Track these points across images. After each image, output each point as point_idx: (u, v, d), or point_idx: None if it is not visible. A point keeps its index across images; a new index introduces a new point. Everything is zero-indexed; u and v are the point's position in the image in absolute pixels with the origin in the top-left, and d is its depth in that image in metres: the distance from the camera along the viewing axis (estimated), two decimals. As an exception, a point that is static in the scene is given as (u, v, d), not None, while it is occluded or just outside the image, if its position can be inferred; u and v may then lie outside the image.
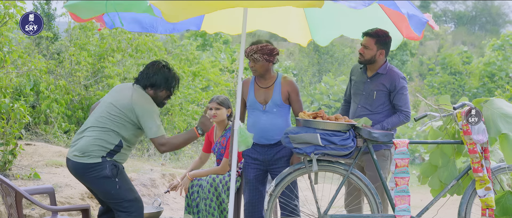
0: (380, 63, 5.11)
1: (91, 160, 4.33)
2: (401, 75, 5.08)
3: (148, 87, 4.57)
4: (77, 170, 4.38)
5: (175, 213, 7.37)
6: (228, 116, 5.57)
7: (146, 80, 4.57)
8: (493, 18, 47.23)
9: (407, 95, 5.06)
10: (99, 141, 4.36)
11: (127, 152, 4.54)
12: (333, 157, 4.57)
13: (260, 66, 4.90)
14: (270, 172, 5.02)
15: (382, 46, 5.05)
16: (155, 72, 4.57)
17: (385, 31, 5.07)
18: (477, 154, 4.54)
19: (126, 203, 4.40)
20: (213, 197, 5.26)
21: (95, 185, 4.39)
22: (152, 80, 4.55)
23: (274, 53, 4.91)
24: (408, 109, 5.03)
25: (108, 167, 4.34)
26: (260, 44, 4.88)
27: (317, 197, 4.66)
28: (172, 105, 12.46)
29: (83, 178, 4.40)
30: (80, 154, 4.35)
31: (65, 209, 4.76)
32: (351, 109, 5.27)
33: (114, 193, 4.38)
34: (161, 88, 4.59)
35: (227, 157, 5.36)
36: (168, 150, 4.44)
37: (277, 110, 4.93)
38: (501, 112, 4.58)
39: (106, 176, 4.33)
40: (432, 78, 24.15)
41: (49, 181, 6.72)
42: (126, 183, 4.47)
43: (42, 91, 9.92)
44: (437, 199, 4.77)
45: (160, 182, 7.95)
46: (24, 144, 8.26)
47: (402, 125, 5.09)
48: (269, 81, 4.99)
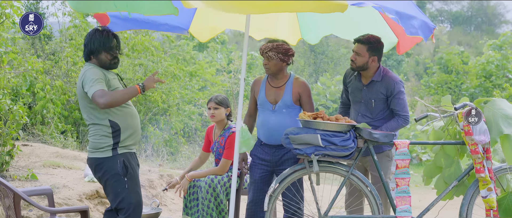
0: (373, 69, 5.04)
1: (103, 154, 4.39)
2: (397, 79, 5.01)
3: (90, 57, 4.50)
4: (91, 165, 4.47)
5: (173, 214, 7.34)
6: (227, 115, 5.54)
7: (84, 51, 4.52)
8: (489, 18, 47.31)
9: (404, 99, 5.02)
10: (98, 132, 4.41)
11: (128, 120, 4.47)
12: (333, 158, 4.55)
13: (274, 65, 4.88)
14: (276, 173, 4.98)
15: (375, 53, 4.98)
16: (89, 40, 4.49)
17: (377, 37, 5.02)
18: (479, 155, 4.53)
19: (127, 205, 4.39)
20: (212, 198, 5.23)
21: (105, 179, 4.42)
22: (88, 49, 4.48)
23: (289, 53, 4.88)
24: (406, 113, 4.99)
25: (119, 164, 4.38)
26: (276, 43, 4.86)
27: (317, 198, 4.63)
28: (169, 106, 12.43)
29: (96, 172, 4.47)
30: (93, 150, 4.44)
31: (63, 211, 4.73)
32: (351, 116, 5.21)
33: (120, 191, 4.38)
34: (100, 52, 4.47)
35: (226, 158, 5.33)
36: (107, 102, 4.22)
37: (286, 111, 4.90)
38: (502, 113, 4.58)
39: (116, 172, 4.37)
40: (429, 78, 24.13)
41: (46, 182, 6.68)
42: (135, 184, 4.46)
43: (38, 92, 9.88)
44: (438, 199, 4.75)
45: (158, 183, 7.91)
46: (21, 145, 8.21)
47: (401, 128, 5.06)
48: (281, 81, 4.96)
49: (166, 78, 12.39)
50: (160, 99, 11.95)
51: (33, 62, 9.12)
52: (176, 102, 12.69)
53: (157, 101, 11.76)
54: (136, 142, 4.56)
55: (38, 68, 9.26)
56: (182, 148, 12.52)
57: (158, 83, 3.91)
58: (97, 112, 4.39)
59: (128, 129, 4.46)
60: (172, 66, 12.82)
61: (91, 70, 4.38)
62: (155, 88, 11.84)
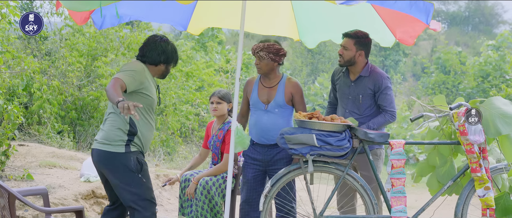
0: (361, 64, 5.08)
1: (115, 149, 4.30)
2: (384, 75, 5.06)
3: (148, 61, 4.50)
4: (100, 158, 4.34)
5: (169, 214, 7.34)
6: (228, 111, 5.55)
7: (152, 55, 4.49)
8: (486, 18, 47.38)
9: (391, 94, 5.04)
10: (115, 123, 4.32)
11: (146, 131, 4.44)
12: (329, 158, 4.54)
13: (265, 65, 4.89)
14: (268, 173, 4.99)
15: (362, 47, 5.03)
16: (165, 49, 4.50)
17: (364, 33, 5.05)
18: (475, 154, 4.53)
19: (142, 202, 4.33)
20: (206, 200, 5.22)
21: (118, 174, 4.32)
22: (161, 56, 4.49)
23: (281, 53, 4.90)
24: (393, 109, 5.01)
25: (132, 161, 4.31)
26: (267, 43, 4.88)
27: (312, 198, 4.63)
28: (166, 106, 12.41)
29: (107, 167, 4.34)
30: (104, 141, 4.32)
31: (59, 211, 4.72)
32: (339, 114, 5.23)
33: (134, 187, 4.31)
34: (167, 63, 4.54)
35: (228, 153, 5.31)
36: (107, 87, 4.14)
37: (279, 111, 4.91)
38: (499, 112, 4.54)
39: (130, 169, 4.30)
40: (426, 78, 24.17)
41: (42, 182, 6.67)
42: (148, 181, 4.42)
43: (35, 92, 9.86)
44: (433, 199, 4.75)
45: (154, 183, 7.90)
46: (17, 145, 8.20)
47: (388, 124, 5.07)
48: (273, 81, 4.97)
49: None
50: (157, 99, 11.94)
51: (29, 61, 9.10)
52: (173, 102, 12.68)
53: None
54: (146, 149, 4.52)
55: (34, 68, 9.24)
56: (179, 148, 12.51)
57: (129, 112, 3.90)
58: None
59: (143, 138, 4.41)
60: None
61: (137, 64, 4.39)
62: None
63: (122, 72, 4.25)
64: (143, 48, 4.51)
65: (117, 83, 4.11)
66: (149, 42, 4.51)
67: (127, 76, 4.22)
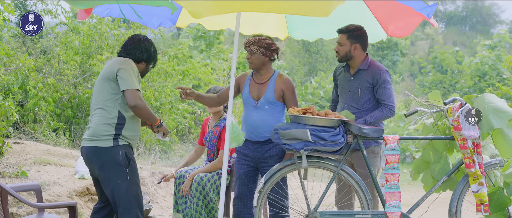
0: (359, 58, 5.08)
1: (103, 144, 4.33)
2: (383, 69, 5.05)
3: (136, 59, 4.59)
4: (89, 154, 4.38)
5: (164, 211, 7.32)
6: (224, 107, 5.54)
7: (136, 53, 4.59)
8: (484, 18, 47.40)
9: (390, 88, 5.02)
10: (102, 119, 4.35)
11: (134, 125, 4.47)
12: (323, 153, 4.53)
13: (256, 59, 4.86)
14: (260, 169, 4.96)
15: (356, 40, 5.03)
16: (149, 47, 4.63)
17: (357, 25, 5.06)
18: (468, 150, 4.52)
19: (127, 196, 4.34)
20: (200, 196, 5.21)
21: (105, 168, 4.33)
22: (146, 54, 4.61)
23: (272, 48, 4.87)
24: (392, 103, 4.99)
25: (121, 154, 4.33)
26: (258, 37, 4.87)
27: (307, 195, 4.61)
28: (162, 104, 12.39)
29: (96, 163, 4.36)
30: (92, 138, 4.36)
31: (52, 206, 4.70)
32: (338, 108, 5.24)
33: (121, 182, 4.33)
34: (148, 62, 4.66)
35: (223, 149, 5.30)
36: (140, 106, 4.27)
37: (269, 107, 4.87)
38: (492, 107, 4.54)
39: (118, 163, 4.32)
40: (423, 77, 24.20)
41: (36, 179, 6.64)
42: (135, 177, 4.42)
43: (30, 90, 9.83)
44: (427, 195, 4.74)
45: (149, 180, 7.89)
46: (12, 143, 8.17)
47: (386, 119, 5.05)
48: (264, 77, 4.94)
49: (159, 77, 12.37)
50: (153, 96, 11.92)
51: (24, 59, 9.08)
52: (169, 100, 12.65)
53: (149, 98, 11.73)
54: (134, 144, 4.54)
55: (30, 66, 9.22)
56: (175, 146, 12.48)
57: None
58: (113, 100, 4.37)
59: (131, 130, 4.44)
60: (164, 64, 12.80)
61: (131, 63, 4.47)
62: (148, 86, 11.83)
63: (130, 78, 4.33)
64: (127, 46, 4.60)
65: (141, 94, 4.33)
66: (134, 40, 4.61)
67: (137, 82, 4.38)
